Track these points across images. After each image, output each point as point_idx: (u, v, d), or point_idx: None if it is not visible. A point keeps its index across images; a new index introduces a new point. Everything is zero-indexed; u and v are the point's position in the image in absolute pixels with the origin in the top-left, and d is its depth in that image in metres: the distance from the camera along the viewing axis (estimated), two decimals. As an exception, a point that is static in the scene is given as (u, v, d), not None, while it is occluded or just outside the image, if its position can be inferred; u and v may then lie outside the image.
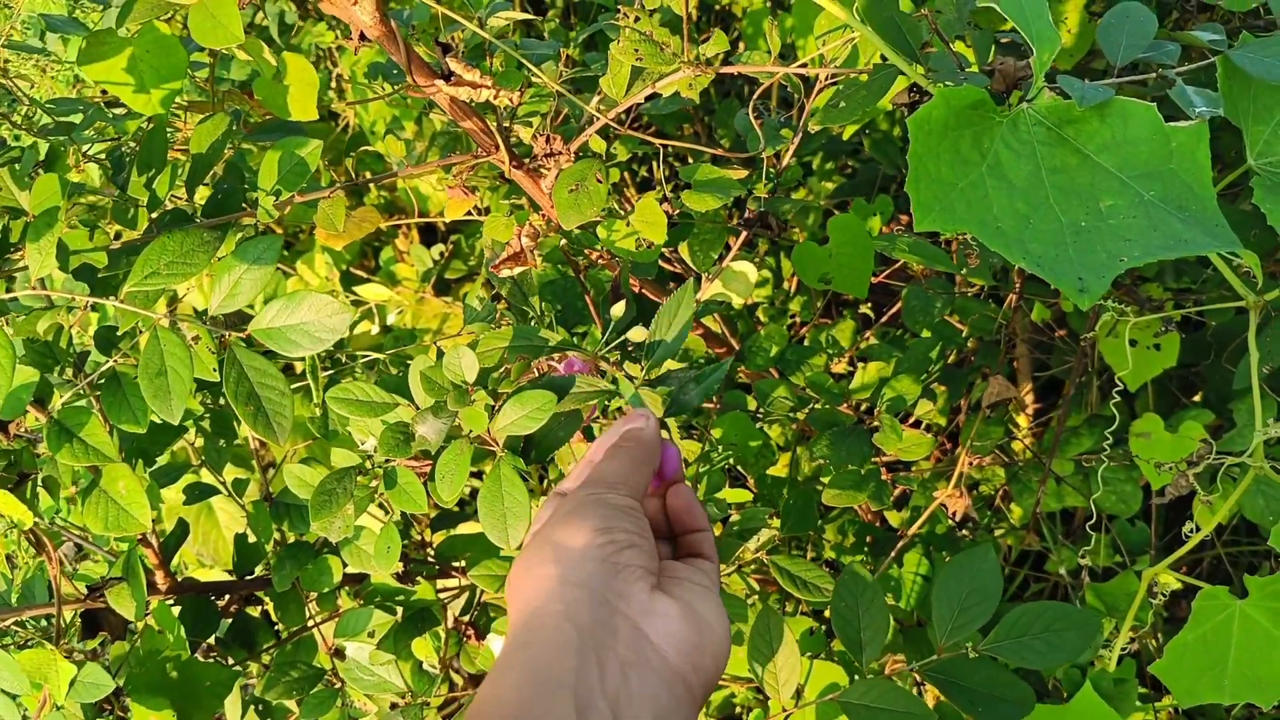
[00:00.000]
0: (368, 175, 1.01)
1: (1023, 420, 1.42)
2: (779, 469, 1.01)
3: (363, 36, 0.69)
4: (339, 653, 0.92)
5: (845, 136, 1.11)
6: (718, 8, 0.89)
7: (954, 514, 0.97)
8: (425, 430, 0.67)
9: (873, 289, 1.20)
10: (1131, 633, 0.87)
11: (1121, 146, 0.61)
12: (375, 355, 1.00)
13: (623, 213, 0.77)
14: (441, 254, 1.36)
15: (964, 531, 1.08)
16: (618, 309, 0.74)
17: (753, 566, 0.83)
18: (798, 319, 1.23)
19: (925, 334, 1.00)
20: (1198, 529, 0.68)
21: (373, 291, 1.31)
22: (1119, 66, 0.65)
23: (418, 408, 0.72)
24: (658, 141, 0.72)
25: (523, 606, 0.48)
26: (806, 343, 1.01)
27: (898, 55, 0.63)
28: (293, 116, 0.70)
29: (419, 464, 0.80)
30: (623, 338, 0.73)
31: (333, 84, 1.37)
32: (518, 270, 0.72)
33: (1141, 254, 0.58)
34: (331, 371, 1.00)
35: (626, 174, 0.95)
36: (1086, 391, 1.37)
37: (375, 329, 1.36)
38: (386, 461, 0.73)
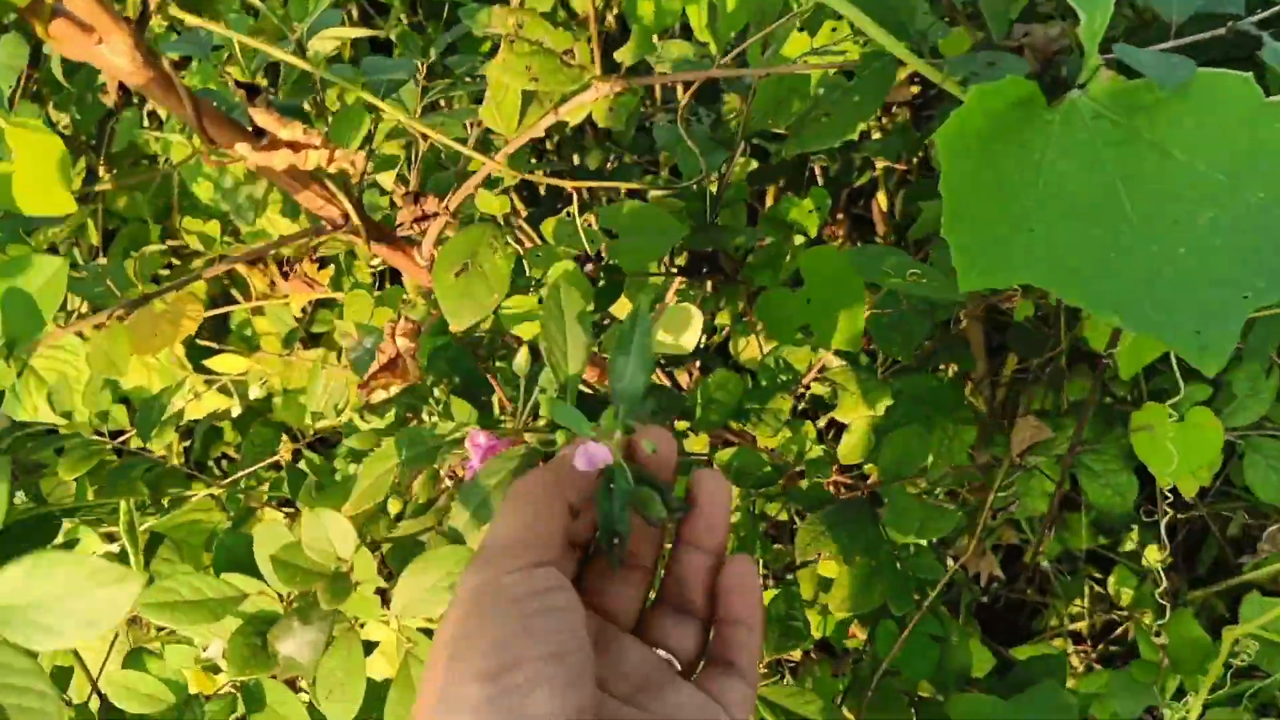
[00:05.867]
0: (173, 261, 0.78)
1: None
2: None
3: (123, 88, 0.48)
4: None
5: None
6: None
7: (974, 576, 0.82)
8: (290, 647, 0.47)
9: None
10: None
11: (1213, 137, 0.44)
12: (212, 492, 0.77)
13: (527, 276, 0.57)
14: (304, 310, 1.13)
15: (985, 595, 0.93)
16: (519, 361, 0.52)
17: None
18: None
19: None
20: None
21: (228, 363, 1.08)
22: (1177, 26, 0.48)
23: (278, 595, 0.52)
24: (569, 184, 0.52)
25: None
26: (762, 382, 0.82)
27: (892, 39, 0.45)
28: (31, 210, 0.48)
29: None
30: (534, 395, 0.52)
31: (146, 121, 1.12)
32: (394, 389, 0.52)
33: (1272, 282, 0.42)
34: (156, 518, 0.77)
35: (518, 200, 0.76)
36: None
37: (237, 409, 1.13)
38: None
